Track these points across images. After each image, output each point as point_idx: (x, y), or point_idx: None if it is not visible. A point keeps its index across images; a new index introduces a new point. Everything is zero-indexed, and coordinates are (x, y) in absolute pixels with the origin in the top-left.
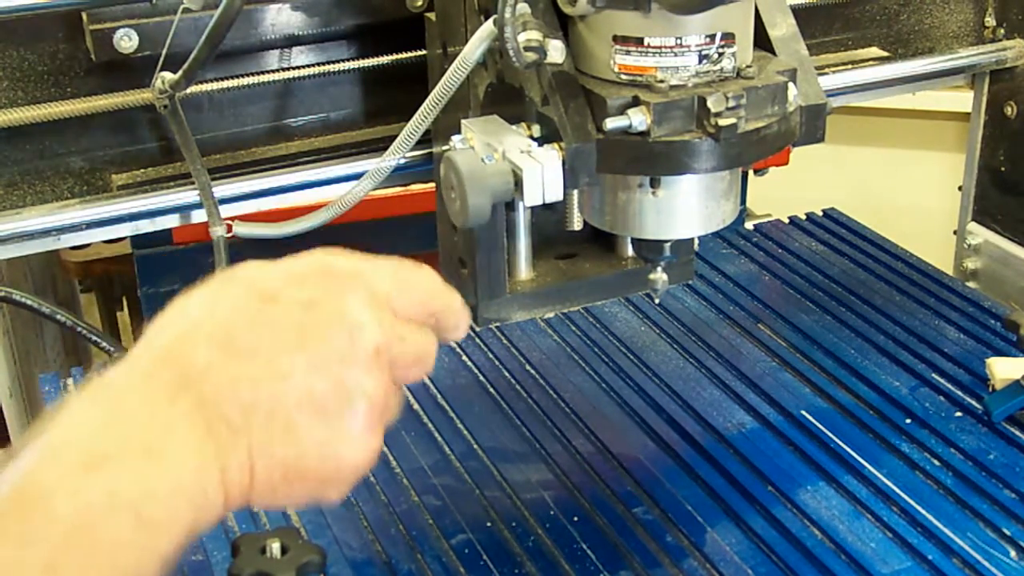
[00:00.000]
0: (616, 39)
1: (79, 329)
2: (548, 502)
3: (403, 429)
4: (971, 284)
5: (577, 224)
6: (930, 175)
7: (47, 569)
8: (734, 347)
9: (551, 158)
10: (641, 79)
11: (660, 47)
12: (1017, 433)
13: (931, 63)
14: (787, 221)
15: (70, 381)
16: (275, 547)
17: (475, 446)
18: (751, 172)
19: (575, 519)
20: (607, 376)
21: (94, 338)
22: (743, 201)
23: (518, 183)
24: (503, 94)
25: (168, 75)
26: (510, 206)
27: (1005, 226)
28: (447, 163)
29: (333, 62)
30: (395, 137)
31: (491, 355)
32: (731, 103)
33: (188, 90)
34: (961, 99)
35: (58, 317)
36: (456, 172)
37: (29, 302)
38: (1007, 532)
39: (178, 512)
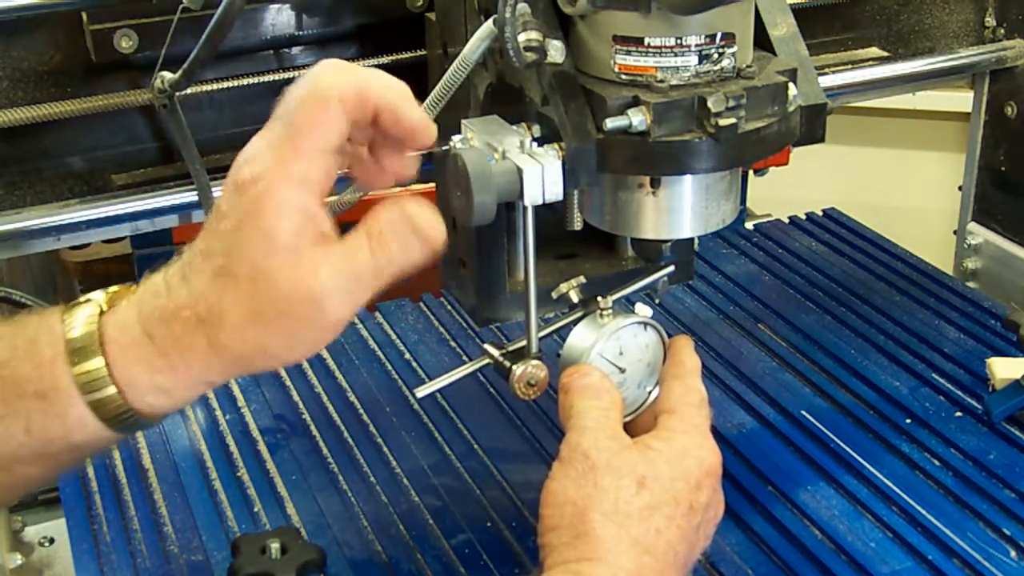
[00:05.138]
0: (616, 39)
1: None
2: None
3: (403, 429)
4: (971, 284)
5: (577, 224)
6: (930, 175)
7: None
8: (734, 347)
9: (551, 158)
10: (641, 79)
11: (660, 47)
12: (1017, 433)
13: (931, 63)
14: (787, 221)
15: None
16: (275, 547)
17: (475, 446)
18: (751, 172)
19: None
20: None
21: None
22: (743, 201)
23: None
24: (503, 94)
25: (168, 75)
26: (509, 206)
27: (1005, 226)
28: (454, 161)
29: None
30: None
31: None
32: (731, 103)
33: (188, 90)
34: (961, 99)
35: None
36: (463, 170)
37: (29, 303)
38: (1007, 532)
39: None
